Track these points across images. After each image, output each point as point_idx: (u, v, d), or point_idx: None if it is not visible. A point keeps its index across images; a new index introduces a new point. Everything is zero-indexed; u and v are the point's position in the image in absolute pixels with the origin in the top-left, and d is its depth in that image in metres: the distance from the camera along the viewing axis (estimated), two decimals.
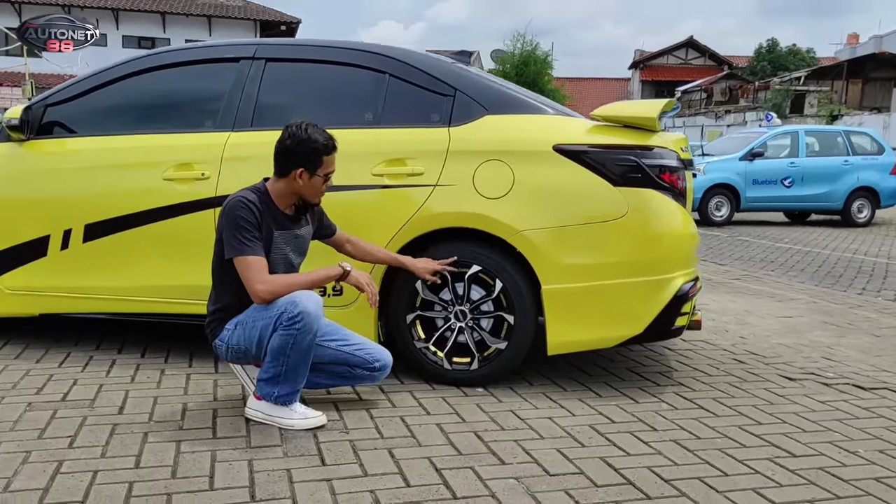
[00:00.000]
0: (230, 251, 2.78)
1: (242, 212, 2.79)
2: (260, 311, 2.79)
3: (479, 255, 3.30)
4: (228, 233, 2.78)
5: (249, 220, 2.79)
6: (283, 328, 2.70)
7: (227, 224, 2.79)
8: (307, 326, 2.70)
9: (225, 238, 2.80)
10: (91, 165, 3.66)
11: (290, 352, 2.73)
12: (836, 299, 6.21)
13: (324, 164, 2.89)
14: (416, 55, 3.61)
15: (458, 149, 3.35)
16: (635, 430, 2.92)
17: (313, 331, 2.73)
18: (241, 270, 2.77)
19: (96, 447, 2.59)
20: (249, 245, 2.77)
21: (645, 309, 3.27)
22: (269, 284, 2.77)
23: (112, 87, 3.80)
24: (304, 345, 2.73)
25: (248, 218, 2.79)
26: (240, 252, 2.77)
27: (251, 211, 2.81)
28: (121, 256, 3.62)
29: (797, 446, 2.83)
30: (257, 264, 2.77)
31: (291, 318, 2.68)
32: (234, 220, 2.78)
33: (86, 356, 3.67)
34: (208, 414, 2.94)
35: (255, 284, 2.75)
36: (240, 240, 2.76)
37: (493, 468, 2.52)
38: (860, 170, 13.09)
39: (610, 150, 3.29)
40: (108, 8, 34.94)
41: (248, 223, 2.78)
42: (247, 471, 2.44)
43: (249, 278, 2.76)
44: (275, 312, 2.73)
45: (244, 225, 2.78)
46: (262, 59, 3.66)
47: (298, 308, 2.69)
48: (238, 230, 2.77)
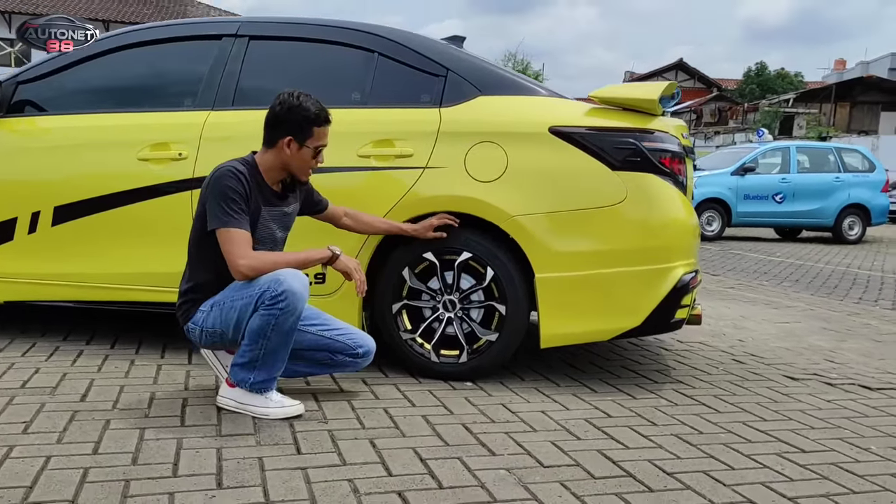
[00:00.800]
0: (214, 222, 2.59)
1: (231, 181, 2.60)
2: (239, 290, 2.59)
3: (470, 242, 3.13)
4: (214, 202, 2.59)
5: (238, 192, 2.60)
6: (265, 307, 2.51)
7: (213, 193, 2.60)
8: (291, 306, 2.50)
9: (209, 208, 2.61)
10: (62, 144, 3.47)
11: (271, 334, 2.54)
12: (833, 307, 6.07)
13: (314, 136, 2.71)
14: (407, 34, 3.45)
15: (450, 130, 3.19)
16: (634, 425, 2.74)
17: (297, 312, 2.54)
18: (224, 244, 2.58)
19: (52, 433, 2.38)
20: (235, 217, 2.58)
21: (644, 300, 3.10)
22: (253, 260, 2.58)
23: (88, 65, 3.62)
24: (286, 327, 2.54)
25: (237, 188, 2.60)
26: (224, 223, 2.57)
27: (240, 182, 2.62)
28: (92, 241, 3.43)
29: (806, 442, 2.66)
30: (242, 238, 2.58)
31: (274, 296, 2.49)
32: (222, 190, 2.59)
33: (52, 346, 3.46)
34: (177, 403, 2.74)
35: (238, 259, 2.56)
36: (226, 210, 2.57)
37: (483, 459, 2.33)
38: (851, 187, 13.04)
39: (609, 132, 3.13)
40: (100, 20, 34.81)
41: (237, 194, 2.60)
42: (215, 458, 2.24)
43: (232, 252, 2.56)
44: (256, 291, 2.53)
45: (232, 196, 2.59)
46: (246, 37, 3.49)
47: (283, 286, 2.50)
48: (225, 200, 2.58)
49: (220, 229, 2.58)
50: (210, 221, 2.60)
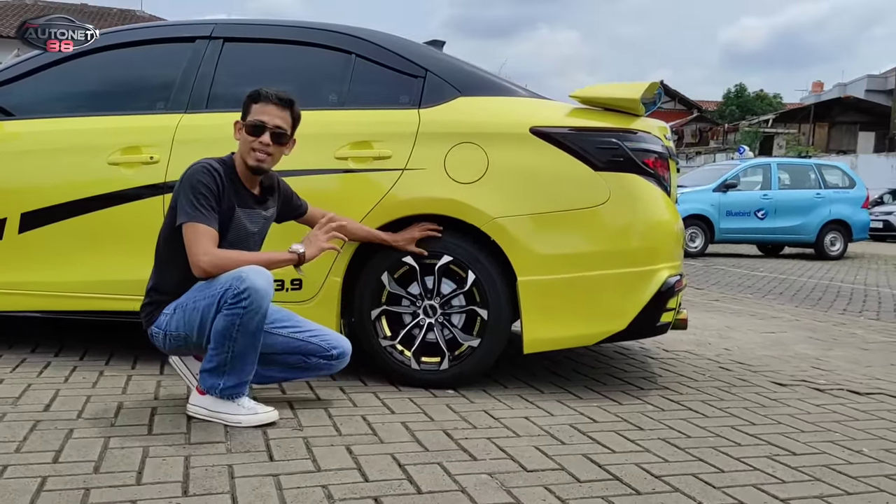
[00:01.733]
0: (181, 216, 2.49)
1: (203, 177, 2.52)
2: (202, 291, 2.49)
3: (451, 245, 3.05)
4: (184, 197, 2.50)
5: (210, 188, 2.52)
6: (228, 307, 2.40)
7: (184, 188, 2.51)
8: (255, 304, 2.40)
9: (179, 203, 2.51)
10: (29, 149, 3.37)
11: (237, 335, 2.43)
12: (818, 318, 6.03)
13: (251, 112, 2.62)
14: (385, 35, 3.39)
15: (429, 131, 3.12)
16: (620, 430, 2.66)
17: (262, 310, 2.43)
18: (188, 239, 2.48)
19: (11, 442, 2.26)
20: (203, 213, 2.49)
21: (628, 303, 3.03)
22: (214, 257, 2.48)
23: (58, 68, 3.53)
24: (252, 327, 2.44)
25: (209, 185, 2.52)
26: (192, 218, 2.48)
27: (213, 178, 2.54)
28: (61, 248, 3.31)
29: (797, 445, 2.58)
30: (206, 234, 2.49)
31: (237, 294, 2.39)
32: (193, 185, 2.50)
33: (18, 358, 3.33)
34: (145, 412, 2.62)
35: (199, 255, 2.46)
36: (195, 205, 2.48)
37: (464, 464, 2.24)
38: (832, 203, 13.08)
39: (591, 132, 3.07)
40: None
41: (209, 190, 2.51)
42: (182, 466, 2.13)
43: (195, 249, 2.47)
44: (218, 290, 2.43)
45: (203, 191, 2.50)
46: (220, 39, 3.42)
47: (245, 283, 2.39)
48: (195, 195, 2.49)
49: (186, 223, 2.49)
50: (179, 216, 2.51)
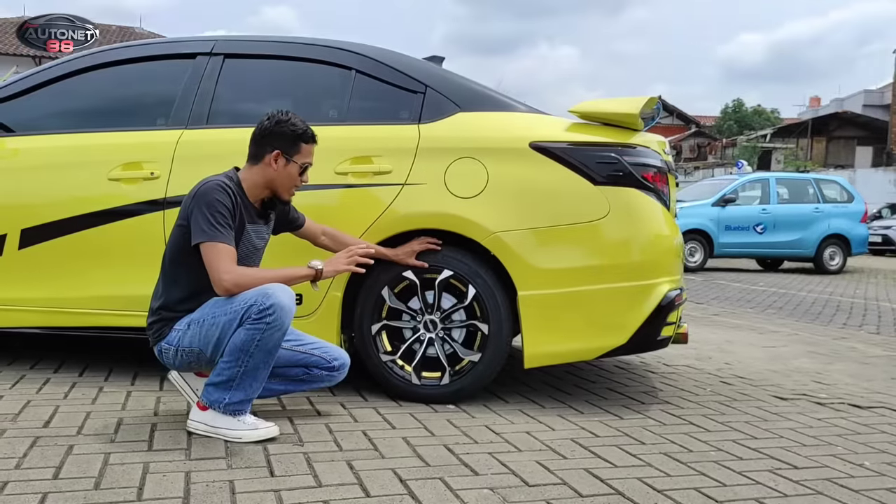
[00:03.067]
0: (199, 236, 2.49)
1: (219, 195, 2.52)
2: (221, 306, 2.49)
3: (451, 260, 3.05)
4: (200, 216, 2.49)
5: (226, 206, 2.52)
6: (252, 322, 2.41)
7: (200, 206, 2.50)
8: (278, 321, 2.41)
9: (194, 221, 2.50)
10: (29, 165, 3.38)
11: (254, 350, 2.43)
12: (817, 332, 6.03)
13: (301, 152, 2.66)
14: (384, 51, 3.41)
15: (429, 146, 3.13)
16: (622, 444, 2.65)
17: (284, 327, 2.44)
18: (208, 257, 2.48)
19: (11, 458, 2.25)
20: (222, 231, 2.49)
21: (629, 317, 3.03)
22: (236, 275, 2.48)
23: (59, 85, 3.54)
24: (271, 343, 2.44)
25: (225, 203, 2.52)
26: (211, 237, 2.48)
27: (228, 196, 2.54)
28: (61, 264, 3.31)
29: (798, 459, 2.57)
30: (227, 252, 2.49)
31: (262, 310, 2.39)
32: (210, 203, 2.50)
33: (18, 374, 3.32)
34: (145, 428, 2.62)
35: (222, 274, 2.46)
36: (213, 224, 2.48)
37: (466, 479, 2.23)
38: (831, 217, 13.10)
39: (590, 147, 3.09)
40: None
41: (225, 208, 2.52)
42: (182, 482, 2.12)
43: (216, 267, 2.47)
44: (242, 305, 2.43)
45: (220, 209, 2.50)
46: (221, 55, 3.43)
47: (271, 300, 2.40)
48: (213, 213, 2.49)
49: (205, 243, 2.49)
50: (195, 235, 2.50)
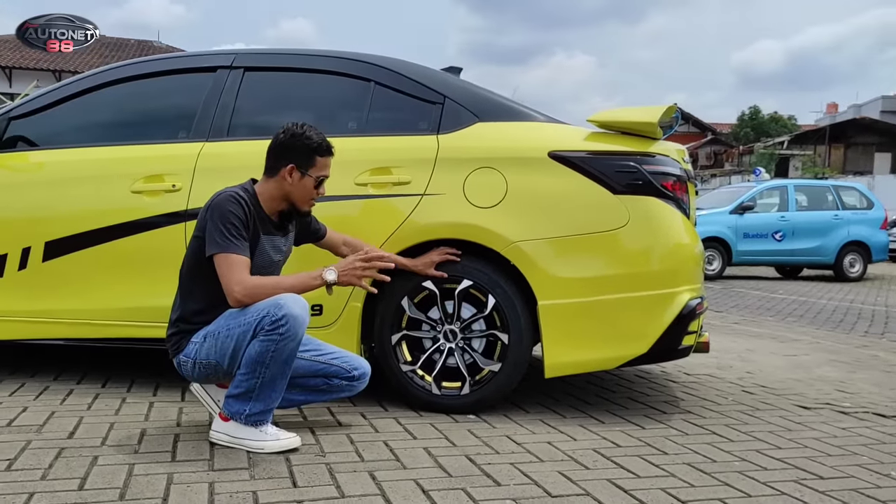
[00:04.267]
0: (212, 247, 2.51)
1: (233, 206, 2.54)
2: (235, 318, 2.51)
3: (471, 269, 3.06)
4: (213, 227, 2.52)
5: (239, 217, 2.54)
6: (265, 333, 2.42)
7: (213, 218, 2.53)
8: (291, 331, 2.42)
9: (208, 233, 2.53)
10: (54, 179, 3.41)
11: (270, 362, 2.44)
12: (839, 340, 5.97)
13: (317, 165, 2.68)
14: (403, 63, 3.43)
15: (448, 156, 3.14)
16: (644, 454, 2.63)
17: (298, 337, 2.45)
18: (222, 269, 2.50)
19: (37, 469, 2.27)
20: (235, 243, 2.51)
21: (650, 326, 3.02)
22: (248, 286, 2.50)
23: (82, 99, 3.58)
24: (286, 354, 2.45)
25: (238, 214, 2.54)
26: (224, 248, 2.50)
27: (242, 207, 2.56)
28: (84, 276, 3.34)
29: (824, 469, 2.55)
30: (240, 263, 2.51)
31: (275, 321, 2.41)
32: (224, 215, 2.52)
33: (41, 386, 3.35)
34: (168, 438, 2.63)
35: (234, 285, 2.48)
36: (226, 236, 2.50)
37: (488, 489, 2.23)
38: (851, 224, 12.99)
39: (609, 156, 3.09)
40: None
41: (238, 219, 2.54)
42: (206, 493, 2.13)
43: (228, 278, 2.49)
44: (254, 317, 2.45)
45: (233, 221, 2.52)
46: (241, 69, 3.47)
47: (283, 311, 2.41)
48: (225, 225, 2.51)
49: (218, 254, 2.51)
50: (208, 247, 2.52)
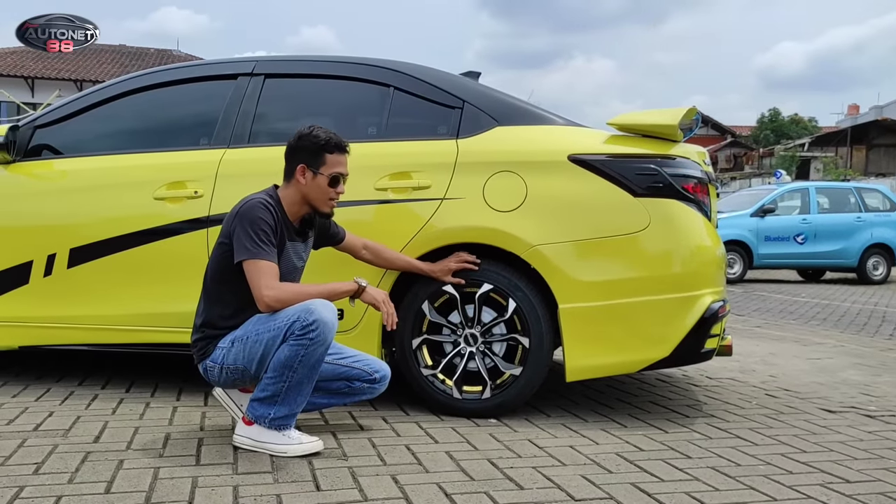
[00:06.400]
0: (242, 253, 2.53)
1: (262, 213, 2.57)
2: (264, 323, 2.53)
3: (491, 273, 3.06)
4: (243, 233, 2.54)
5: (269, 223, 2.57)
6: (295, 338, 2.44)
7: (243, 224, 2.55)
8: (321, 336, 2.44)
9: (237, 239, 2.55)
10: (78, 186, 3.46)
11: (298, 366, 2.47)
12: (864, 344, 5.90)
13: (327, 163, 2.68)
14: (422, 68, 3.44)
15: (467, 160, 3.15)
16: (667, 458, 2.62)
17: (327, 343, 2.48)
18: (251, 275, 2.52)
19: (64, 473, 2.30)
20: (265, 249, 2.54)
21: (671, 329, 3.00)
22: (279, 291, 2.52)
23: (105, 107, 3.63)
24: (315, 358, 2.48)
25: (268, 220, 2.57)
26: (254, 255, 2.52)
27: (271, 213, 2.59)
28: (108, 282, 3.38)
29: (850, 473, 2.52)
30: (270, 269, 2.53)
31: (305, 325, 2.43)
32: (253, 221, 2.54)
33: (67, 391, 3.39)
34: (193, 442, 2.66)
35: (264, 290, 2.50)
36: (255, 241, 2.53)
37: (511, 493, 2.22)
38: (874, 226, 12.84)
39: (629, 159, 3.08)
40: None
41: (268, 226, 2.56)
42: (231, 496, 2.14)
43: (259, 283, 2.51)
44: (285, 322, 2.47)
45: (263, 227, 2.55)
46: (261, 76, 3.50)
47: (314, 315, 2.43)
48: (255, 231, 2.53)
49: (247, 261, 2.53)
50: (237, 253, 2.55)
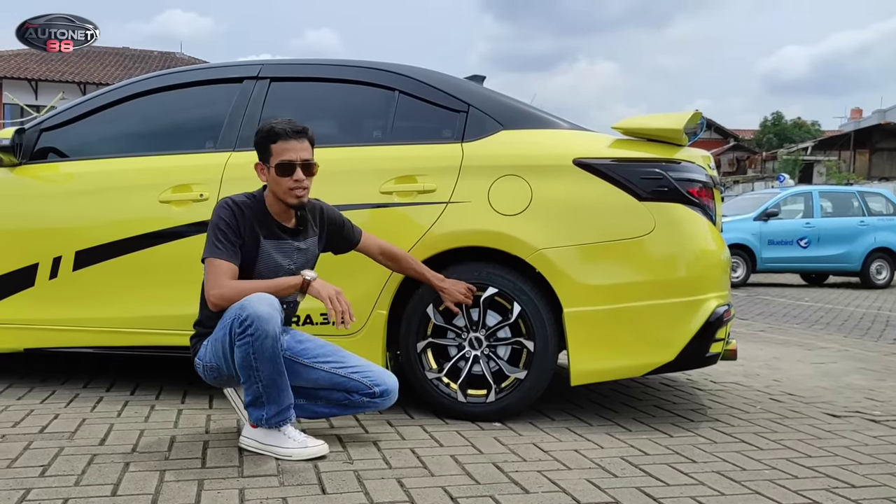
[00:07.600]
0: (204, 252, 2.59)
1: (222, 212, 2.60)
2: (220, 323, 2.56)
3: (496, 277, 3.06)
4: (208, 234, 2.60)
5: (227, 222, 2.58)
6: (238, 337, 2.44)
7: (209, 226, 2.62)
8: (260, 330, 2.40)
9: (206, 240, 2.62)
10: (84, 189, 3.47)
11: (257, 364, 2.45)
12: (868, 348, 5.89)
13: (273, 153, 2.62)
14: (427, 72, 3.45)
15: (472, 164, 3.15)
16: (672, 462, 2.62)
17: (270, 335, 2.42)
18: (205, 274, 2.57)
19: (70, 476, 2.30)
20: (219, 248, 2.56)
21: (676, 333, 3.00)
22: (223, 289, 2.53)
23: (111, 111, 3.64)
24: (267, 353, 2.44)
25: (226, 219, 2.59)
26: (209, 254, 2.56)
27: (231, 212, 2.60)
28: (114, 285, 3.39)
29: (855, 477, 2.52)
30: (221, 268, 2.55)
31: (241, 323, 2.42)
32: (214, 222, 2.60)
33: (72, 393, 3.40)
34: (198, 445, 2.66)
35: (210, 289, 2.54)
36: (212, 241, 2.57)
37: (516, 497, 2.22)
38: (877, 230, 12.83)
39: (634, 163, 3.08)
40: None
41: (226, 224, 2.58)
42: (237, 499, 2.15)
43: (207, 283, 2.55)
44: (228, 322, 2.48)
45: (221, 227, 2.58)
46: (267, 79, 3.50)
47: (246, 311, 2.42)
48: (213, 231, 2.58)
49: (205, 260, 2.58)
50: (203, 252, 2.60)
